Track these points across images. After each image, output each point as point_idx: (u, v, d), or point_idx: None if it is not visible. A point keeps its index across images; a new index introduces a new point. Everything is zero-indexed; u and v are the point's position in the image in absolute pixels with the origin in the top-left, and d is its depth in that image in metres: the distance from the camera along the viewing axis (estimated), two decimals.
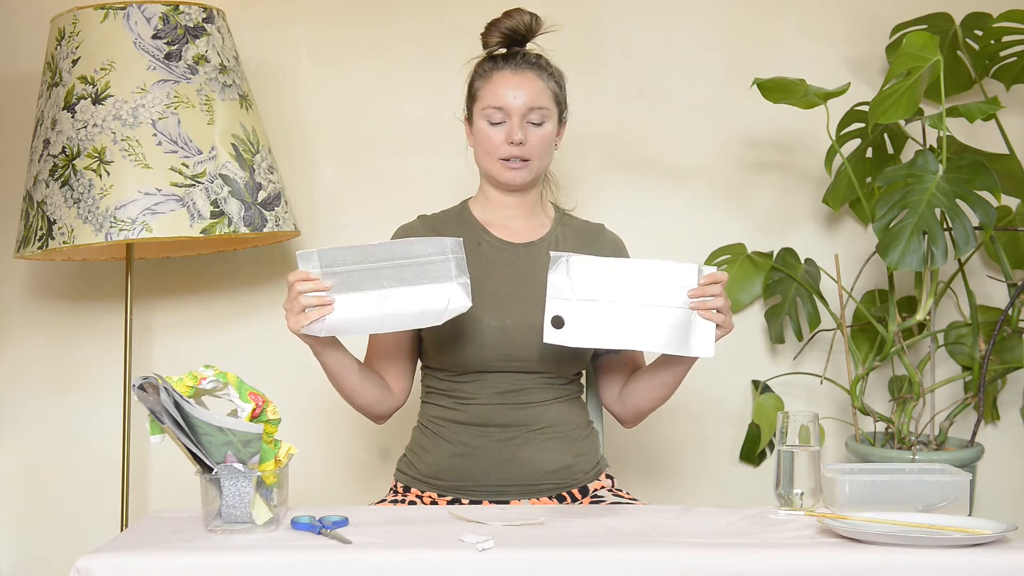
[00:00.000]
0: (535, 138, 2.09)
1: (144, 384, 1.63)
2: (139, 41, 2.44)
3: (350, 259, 1.86)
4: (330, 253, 1.86)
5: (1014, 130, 2.74)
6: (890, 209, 2.42)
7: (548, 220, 2.20)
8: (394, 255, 1.87)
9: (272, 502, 1.68)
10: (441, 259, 1.88)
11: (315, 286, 1.86)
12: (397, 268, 1.87)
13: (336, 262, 1.86)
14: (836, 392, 2.83)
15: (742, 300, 2.81)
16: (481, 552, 1.55)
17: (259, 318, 2.87)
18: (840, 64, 2.85)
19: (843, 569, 1.54)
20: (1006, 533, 1.60)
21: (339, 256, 1.86)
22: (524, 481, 2.05)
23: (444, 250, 1.88)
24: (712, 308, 1.91)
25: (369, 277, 1.87)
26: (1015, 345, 2.68)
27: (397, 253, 1.87)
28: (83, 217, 2.40)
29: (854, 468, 1.86)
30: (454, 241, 1.89)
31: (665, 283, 1.90)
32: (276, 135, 2.77)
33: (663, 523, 1.76)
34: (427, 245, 1.88)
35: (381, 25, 2.87)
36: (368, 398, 2.09)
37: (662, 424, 2.85)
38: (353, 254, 1.87)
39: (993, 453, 2.74)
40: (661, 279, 1.90)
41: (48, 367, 2.89)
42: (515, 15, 2.12)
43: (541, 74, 2.11)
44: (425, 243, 1.88)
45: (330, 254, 1.86)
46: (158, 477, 2.87)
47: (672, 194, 2.87)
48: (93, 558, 1.54)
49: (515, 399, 2.07)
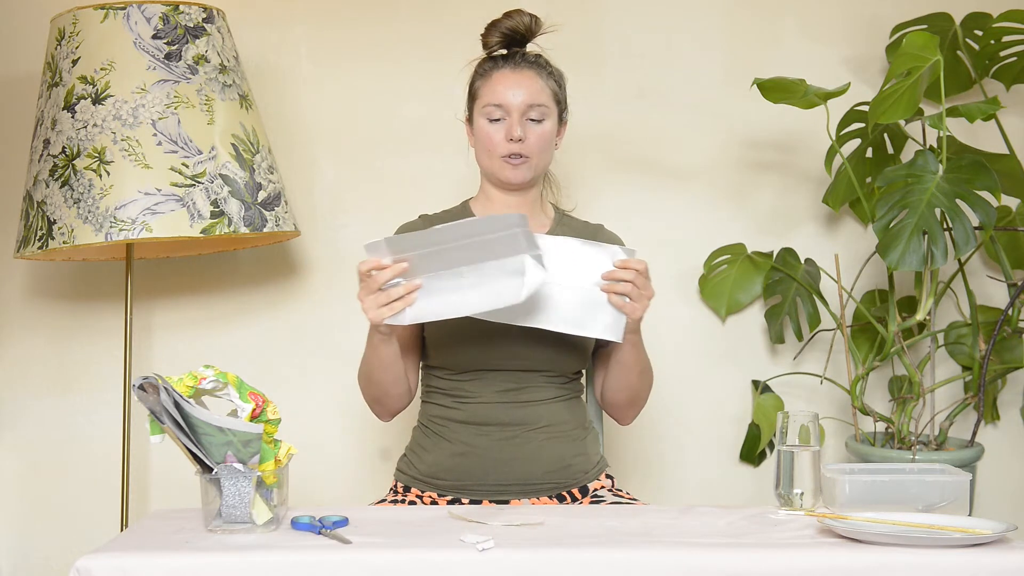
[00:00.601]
0: (534, 135, 2.09)
1: (144, 384, 1.63)
2: (139, 41, 2.44)
3: (418, 244, 1.83)
4: (397, 240, 1.83)
5: (1014, 130, 2.74)
6: (890, 209, 2.42)
7: (548, 220, 2.20)
8: (461, 235, 1.81)
9: (272, 502, 1.68)
10: (508, 234, 1.82)
11: (395, 272, 1.84)
12: (466, 248, 1.82)
13: (404, 248, 1.83)
14: (836, 392, 2.83)
15: (742, 300, 2.81)
16: (481, 552, 1.55)
17: (259, 318, 2.88)
18: (840, 64, 2.85)
19: (843, 569, 1.54)
20: (1006, 533, 1.60)
21: (406, 242, 1.83)
22: (524, 480, 2.06)
23: (510, 225, 1.82)
24: (619, 293, 1.89)
25: (439, 260, 1.83)
26: (1015, 345, 2.68)
27: (464, 233, 1.81)
28: (83, 217, 2.40)
29: (854, 468, 1.86)
30: (519, 216, 1.83)
31: (582, 263, 1.89)
32: (276, 135, 2.77)
33: (663, 523, 1.76)
34: (493, 222, 1.82)
35: (381, 25, 2.87)
36: (399, 389, 2.10)
37: (662, 424, 2.85)
38: (419, 239, 1.83)
39: (993, 453, 2.74)
40: (578, 259, 1.89)
41: (48, 367, 2.89)
42: (515, 16, 2.12)
43: (541, 73, 2.12)
44: (491, 220, 1.82)
45: (397, 241, 1.83)
46: (158, 477, 2.87)
47: (672, 194, 2.87)
48: (93, 558, 1.54)
49: (515, 398, 2.07)
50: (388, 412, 2.15)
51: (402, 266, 1.83)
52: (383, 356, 2.01)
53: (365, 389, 2.12)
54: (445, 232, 1.82)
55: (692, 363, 2.87)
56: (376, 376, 2.06)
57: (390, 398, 2.10)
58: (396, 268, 1.84)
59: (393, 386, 2.08)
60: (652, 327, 2.57)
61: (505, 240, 1.82)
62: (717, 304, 2.82)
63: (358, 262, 1.87)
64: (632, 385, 2.11)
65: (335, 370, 2.81)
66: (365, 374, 2.09)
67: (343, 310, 2.82)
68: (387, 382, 2.07)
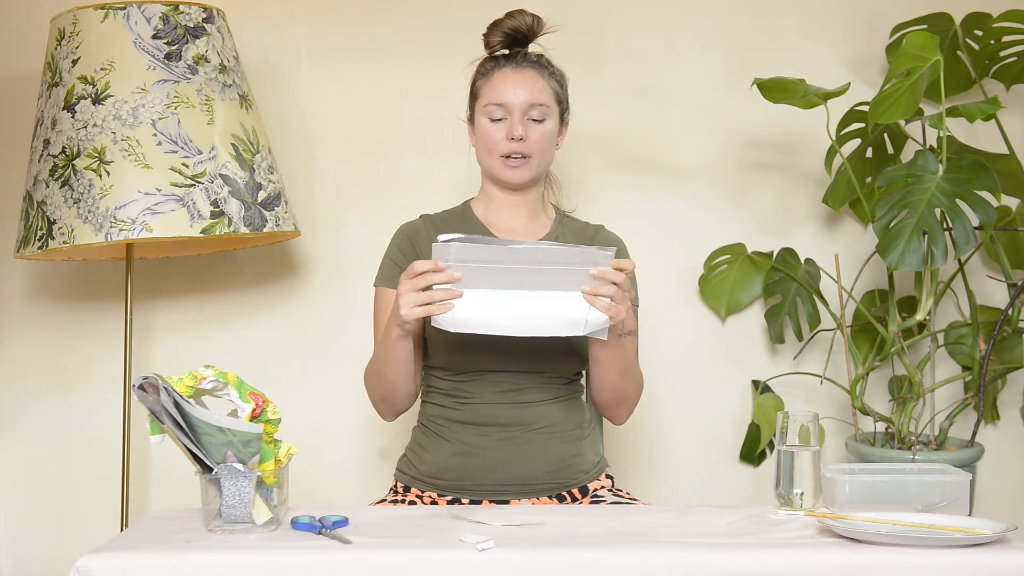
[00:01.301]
0: (536, 135, 2.10)
1: (144, 384, 1.63)
2: (139, 41, 2.44)
3: (487, 256, 1.81)
4: (468, 247, 1.81)
5: (1014, 130, 2.74)
6: (890, 209, 2.42)
7: (548, 221, 2.21)
8: (536, 259, 1.81)
9: (272, 502, 1.68)
10: (583, 270, 1.83)
11: (447, 277, 1.83)
12: (536, 272, 1.82)
13: (472, 257, 1.81)
14: (836, 392, 2.83)
15: (742, 300, 2.81)
16: (481, 552, 1.55)
17: (259, 318, 2.88)
18: (840, 64, 2.85)
19: (843, 569, 1.54)
20: (1006, 533, 1.60)
21: (476, 252, 1.81)
22: (524, 480, 2.06)
23: (590, 261, 1.83)
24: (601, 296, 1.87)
25: (504, 277, 1.82)
26: (1015, 345, 2.68)
27: (539, 258, 1.81)
28: (83, 217, 2.40)
29: (854, 468, 1.86)
30: (602, 253, 1.83)
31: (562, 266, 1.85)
32: (276, 135, 2.77)
33: (663, 523, 1.76)
34: (573, 254, 1.83)
35: (381, 25, 2.87)
36: (407, 389, 2.09)
37: (662, 424, 2.85)
38: (492, 252, 1.81)
39: (993, 453, 2.74)
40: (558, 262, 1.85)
41: (48, 367, 2.89)
42: (517, 16, 2.12)
43: (542, 72, 2.12)
44: (572, 251, 1.83)
45: (468, 248, 1.81)
46: (158, 477, 2.87)
47: (672, 194, 2.87)
48: (93, 558, 1.54)
49: (515, 399, 2.07)
50: (393, 411, 2.15)
51: (455, 276, 1.82)
52: (398, 353, 2.01)
53: (375, 386, 2.11)
54: (522, 252, 1.81)
55: (692, 363, 2.87)
56: (387, 373, 2.05)
57: (397, 397, 2.10)
58: (450, 276, 1.83)
59: (402, 385, 2.08)
60: (652, 327, 2.58)
61: (579, 275, 1.83)
62: (717, 304, 2.82)
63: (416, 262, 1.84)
64: (613, 383, 2.09)
65: (335, 370, 2.81)
66: (376, 371, 2.09)
67: (343, 310, 2.83)
68: (397, 380, 2.06)
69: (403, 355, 2.02)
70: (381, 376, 2.07)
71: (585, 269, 1.83)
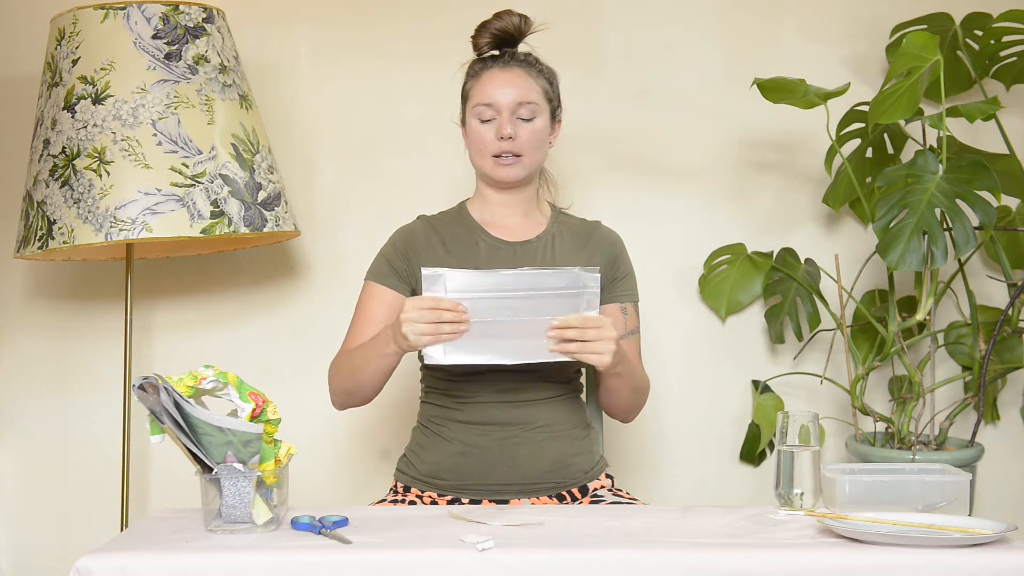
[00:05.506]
0: (526, 133, 2.10)
1: (144, 384, 1.63)
2: (139, 41, 2.44)
3: (479, 285, 1.85)
4: (459, 276, 1.85)
5: (1014, 130, 2.74)
6: (890, 209, 2.42)
7: (544, 219, 2.21)
8: (524, 285, 1.85)
9: (272, 502, 1.68)
10: (573, 293, 1.86)
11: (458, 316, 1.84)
12: (527, 299, 1.85)
13: (464, 287, 1.85)
14: (836, 392, 2.83)
15: (742, 300, 2.81)
16: (481, 552, 1.55)
17: (259, 318, 2.88)
18: (840, 64, 2.85)
19: (843, 569, 1.54)
20: (1006, 533, 1.60)
21: (467, 281, 1.85)
22: (524, 480, 2.06)
23: (577, 284, 1.86)
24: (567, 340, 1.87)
25: (497, 306, 1.85)
26: (1015, 345, 2.68)
27: (527, 284, 1.85)
28: (83, 217, 2.40)
29: (854, 468, 1.86)
30: (590, 275, 1.86)
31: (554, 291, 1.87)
32: (276, 135, 2.77)
33: (663, 523, 1.76)
34: (561, 278, 1.85)
35: (381, 25, 2.87)
36: (374, 393, 2.10)
37: (662, 424, 2.85)
38: (482, 280, 1.85)
39: (993, 453, 2.74)
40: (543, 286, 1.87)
41: (48, 367, 2.89)
42: (504, 16, 2.13)
43: (530, 71, 2.12)
44: (559, 275, 1.85)
45: (459, 277, 1.85)
46: (158, 477, 2.87)
47: (672, 194, 2.87)
48: (93, 558, 1.54)
49: (514, 398, 2.07)
50: (349, 405, 2.15)
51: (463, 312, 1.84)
52: (385, 366, 2.01)
53: (342, 381, 2.10)
54: (510, 279, 1.84)
55: (692, 363, 2.87)
56: (363, 376, 2.05)
57: (362, 396, 2.11)
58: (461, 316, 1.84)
59: (372, 389, 2.09)
60: (652, 327, 2.58)
61: (569, 299, 1.85)
62: (717, 304, 2.82)
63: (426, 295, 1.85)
64: (623, 402, 2.13)
65: None
66: (350, 368, 2.08)
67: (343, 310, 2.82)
68: (370, 385, 2.07)
69: (388, 368, 2.02)
70: (355, 376, 2.07)
71: (573, 291, 1.86)
